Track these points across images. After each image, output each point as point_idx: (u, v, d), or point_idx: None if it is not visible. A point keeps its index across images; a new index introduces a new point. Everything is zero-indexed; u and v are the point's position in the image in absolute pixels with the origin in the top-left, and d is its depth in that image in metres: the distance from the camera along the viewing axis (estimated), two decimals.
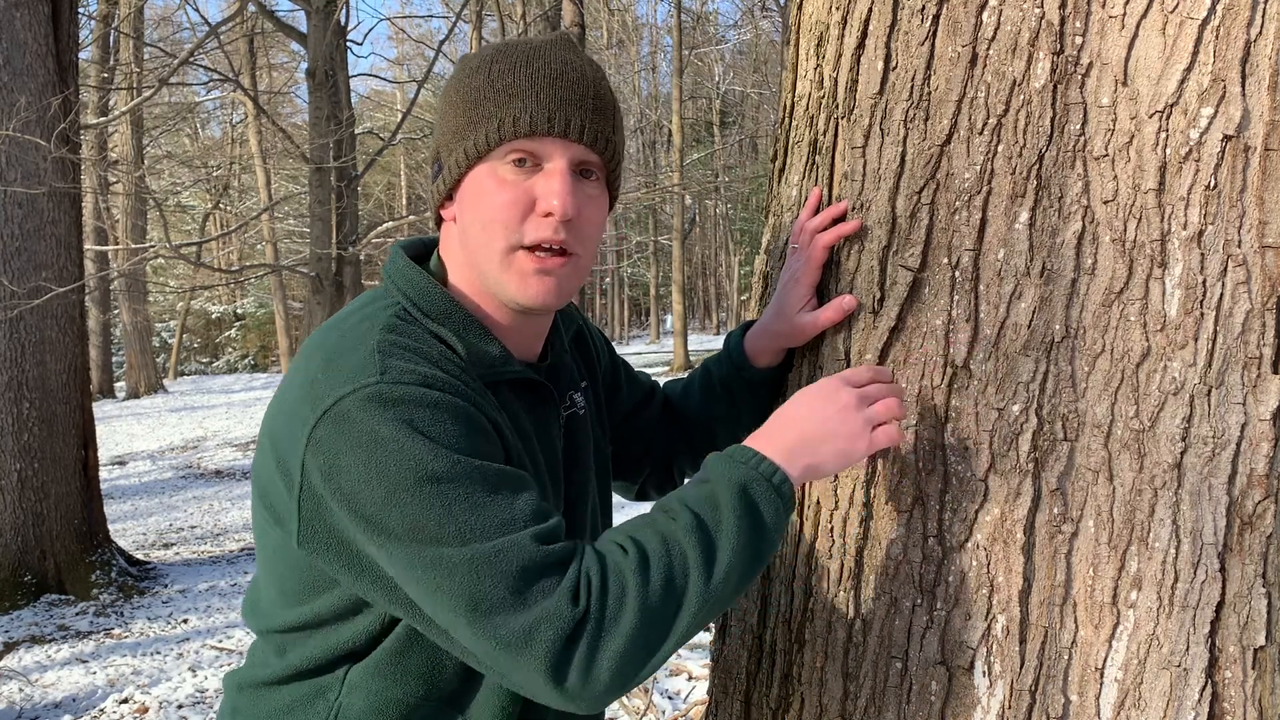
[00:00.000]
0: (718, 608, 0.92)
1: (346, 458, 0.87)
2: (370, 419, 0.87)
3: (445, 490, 0.86)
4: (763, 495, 0.94)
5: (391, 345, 0.93)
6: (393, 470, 0.86)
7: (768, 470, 0.95)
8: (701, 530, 0.91)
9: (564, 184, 0.98)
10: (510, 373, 1.03)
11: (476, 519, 0.86)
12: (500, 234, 0.98)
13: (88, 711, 4.10)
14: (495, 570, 0.85)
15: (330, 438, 0.88)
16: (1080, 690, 1.01)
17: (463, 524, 0.86)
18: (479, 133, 0.99)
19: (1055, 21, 1.02)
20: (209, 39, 8.46)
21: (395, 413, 0.87)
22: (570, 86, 0.99)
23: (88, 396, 6.00)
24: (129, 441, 13.06)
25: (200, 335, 31.02)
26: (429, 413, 0.89)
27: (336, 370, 0.91)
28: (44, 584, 5.58)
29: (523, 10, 14.44)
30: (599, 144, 1.01)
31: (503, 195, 0.98)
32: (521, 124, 0.97)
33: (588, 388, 1.24)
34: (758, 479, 0.94)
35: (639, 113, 33.17)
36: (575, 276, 1.03)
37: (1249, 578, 0.98)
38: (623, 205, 25.95)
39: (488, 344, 1.02)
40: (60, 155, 5.58)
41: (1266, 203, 0.96)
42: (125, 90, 14.55)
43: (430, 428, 0.88)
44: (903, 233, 1.10)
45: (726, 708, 1.31)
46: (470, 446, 0.89)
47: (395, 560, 0.87)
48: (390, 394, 0.88)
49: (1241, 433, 0.98)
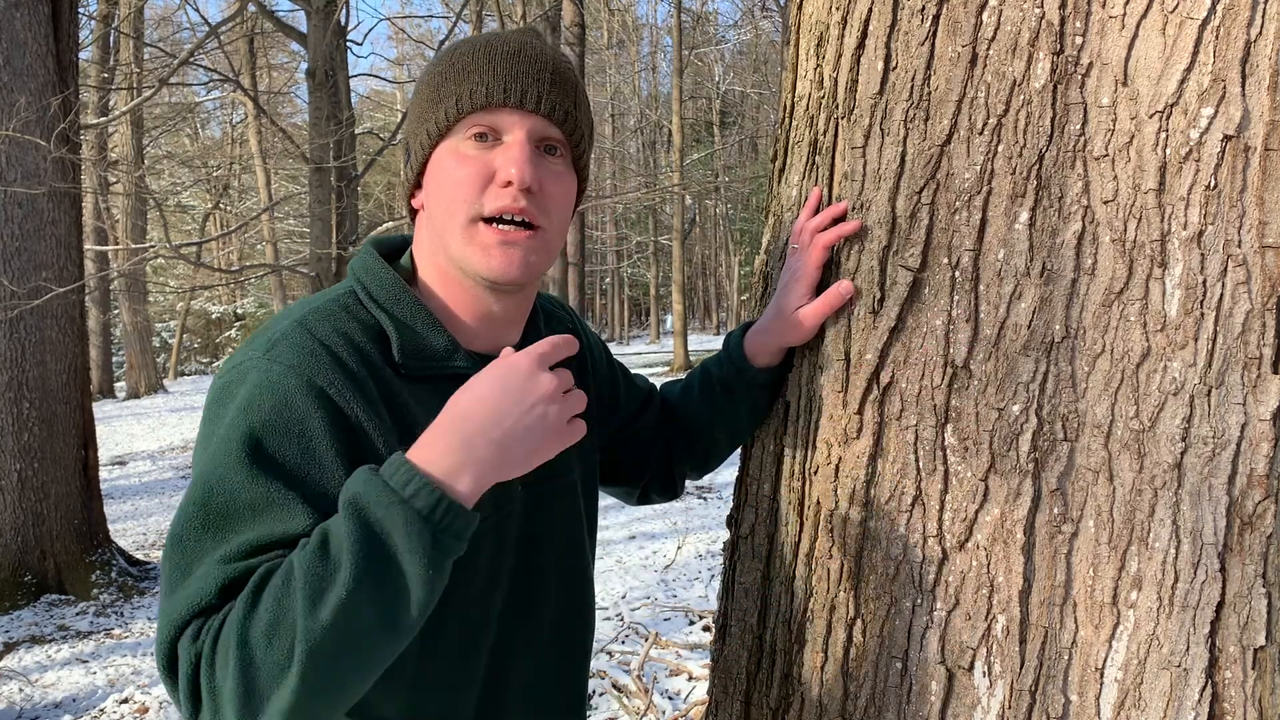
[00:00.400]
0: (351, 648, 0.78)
1: (207, 414, 0.93)
2: (235, 389, 0.91)
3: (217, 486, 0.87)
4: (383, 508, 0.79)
5: (300, 327, 0.95)
6: (213, 443, 0.89)
7: (401, 479, 0.80)
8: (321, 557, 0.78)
9: (522, 153, 0.98)
10: (452, 368, 1.02)
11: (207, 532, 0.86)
12: (461, 207, 0.99)
13: (88, 711, 4.10)
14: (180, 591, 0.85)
15: (210, 397, 0.93)
16: (1080, 690, 1.01)
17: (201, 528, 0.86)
18: (439, 110, 1.01)
19: (1055, 21, 1.02)
20: (209, 39, 8.46)
21: (253, 394, 0.89)
22: (527, 61, 1.00)
23: (88, 396, 6.00)
24: (129, 441, 13.06)
25: (200, 335, 31.03)
26: (270, 399, 0.89)
27: (249, 344, 0.96)
28: (44, 584, 5.58)
29: (523, 10, 14.43)
30: (556, 115, 1.01)
31: (463, 170, 0.99)
32: (478, 96, 0.98)
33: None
34: (382, 491, 0.79)
35: (639, 113, 33.17)
36: (542, 251, 1.01)
37: (1249, 578, 0.98)
38: (623, 205, 25.96)
39: (434, 335, 1.02)
40: (60, 155, 5.58)
41: (1266, 203, 0.96)
42: (125, 90, 14.55)
43: (263, 415, 0.88)
44: (903, 233, 1.10)
45: (726, 708, 1.31)
46: (285, 453, 0.88)
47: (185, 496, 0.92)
48: (260, 373, 0.91)
49: (1241, 433, 0.98)
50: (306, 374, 0.91)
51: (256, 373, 0.91)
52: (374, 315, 1.01)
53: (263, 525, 0.85)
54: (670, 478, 1.39)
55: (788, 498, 1.23)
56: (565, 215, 1.05)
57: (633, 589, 5.48)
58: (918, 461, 1.09)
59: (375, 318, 1.01)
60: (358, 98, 24.27)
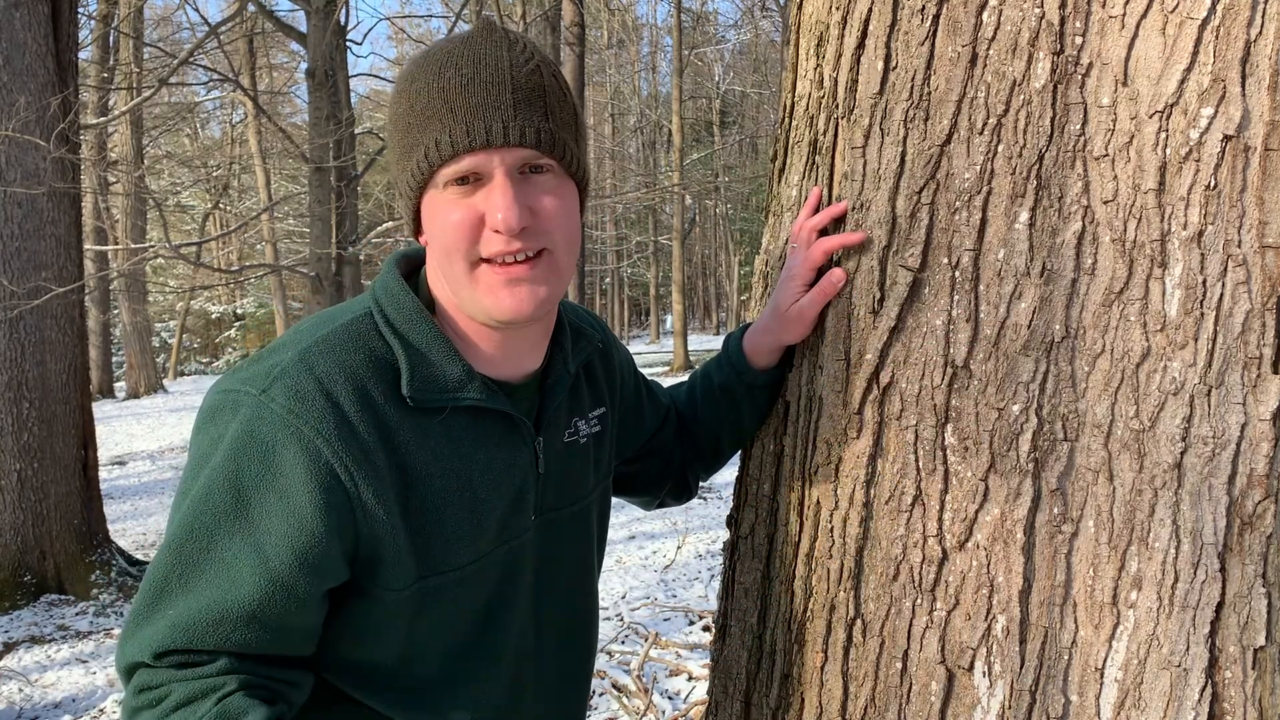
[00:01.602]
0: None
1: (197, 438, 0.94)
2: (226, 419, 0.91)
3: (193, 534, 0.90)
4: None
5: (302, 363, 0.93)
6: (200, 481, 0.91)
7: None
8: None
9: (505, 195, 0.93)
10: (465, 399, 0.99)
11: (176, 580, 0.91)
12: (458, 254, 0.96)
13: (87, 711, 4.10)
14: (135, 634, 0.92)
15: (201, 415, 0.94)
16: (1080, 690, 1.01)
17: (168, 570, 0.91)
18: (411, 163, 0.96)
19: (1055, 21, 1.02)
20: (209, 39, 8.46)
21: (241, 439, 0.90)
22: (484, 89, 0.93)
23: (87, 396, 6.00)
24: (129, 441, 13.06)
25: (200, 335, 31.02)
26: (256, 452, 0.89)
27: (251, 365, 0.95)
28: (44, 584, 5.58)
29: (523, 10, 14.42)
30: (528, 139, 0.93)
31: (453, 216, 0.95)
32: (444, 145, 0.93)
33: (605, 414, 1.20)
34: None
35: (639, 113, 33.16)
36: (553, 276, 0.98)
37: (1249, 578, 0.98)
38: (623, 205, 25.96)
39: (449, 364, 0.99)
40: (60, 155, 5.58)
41: (1266, 203, 0.96)
42: (125, 90, 14.54)
43: (248, 467, 0.89)
44: (903, 233, 1.10)
45: (726, 708, 1.31)
46: (266, 511, 0.90)
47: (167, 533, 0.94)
48: (253, 414, 0.90)
49: (1241, 433, 0.98)
50: (296, 425, 0.89)
51: (249, 411, 0.90)
52: (388, 342, 0.98)
53: (223, 588, 0.90)
54: (685, 482, 1.39)
55: (788, 498, 1.23)
56: (570, 227, 1.00)
57: (633, 589, 5.48)
58: (918, 461, 1.08)
59: (389, 345, 0.97)
60: (358, 98, 24.24)
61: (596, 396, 1.20)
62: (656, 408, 1.35)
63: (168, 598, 0.90)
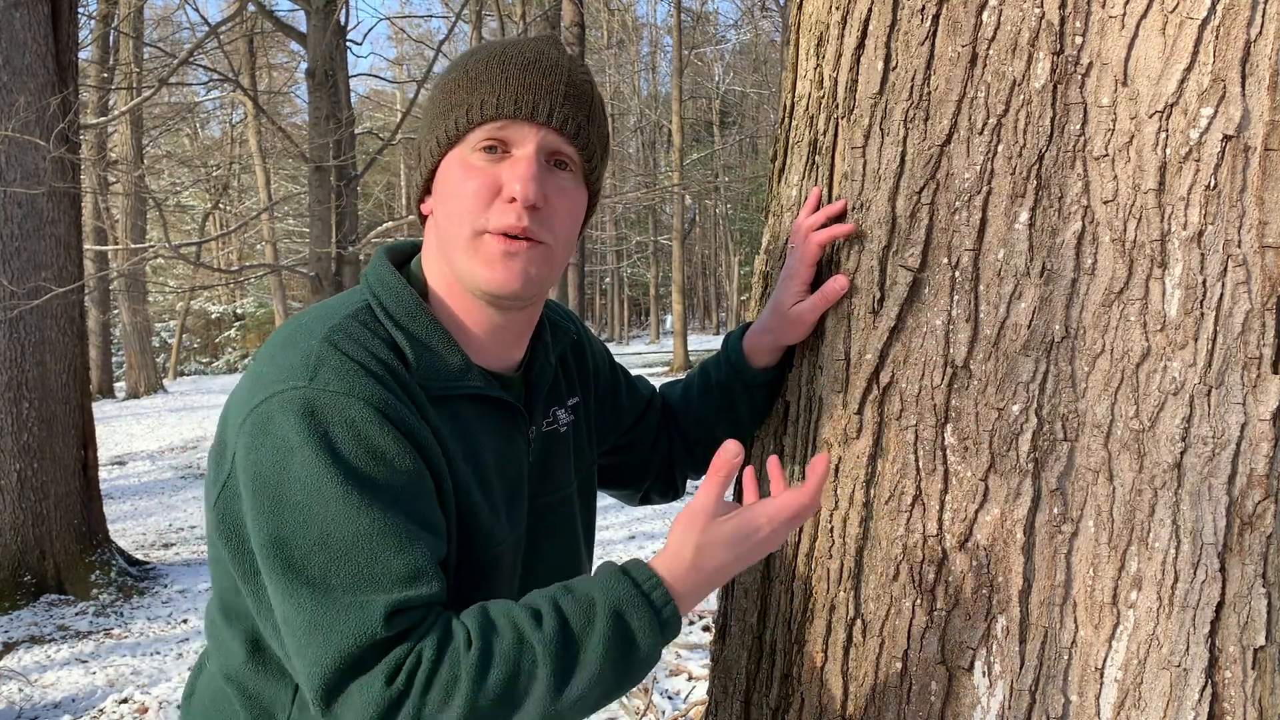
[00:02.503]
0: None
1: (259, 454, 0.88)
2: (286, 424, 0.88)
3: (328, 522, 0.86)
4: (642, 626, 0.90)
5: (332, 349, 0.92)
6: (291, 482, 0.87)
7: (660, 600, 0.91)
8: (564, 645, 0.87)
9: (529, 169, 0.96)
10: (468, 387, 1.01)
11: (344, 566, 0.86)
12: (466, 220, 0.97)
13: (87, 711, 4.10)
14: (336, 626, 0.85)
15: (253, 431, 0.89)
16: (1080, 690, 1.01)
17: (328, 564, 0.86)
18: (449, 119, 0.99)
19: (1055, 21, 1.02)
20: (209, 39, 8.46)
21: (310, 423, 0.87)
22: (542, 73, 0.98)
23: (87, 396, 6.00)
24: (129, 441, 13.06)
25: (200, 335, 31.03)
26: (343, 430, 0.88)
27: (276, 365, 0.92)
28: (44, 584, 5.58)
29: (523, 10, 14.43)
30: (569, 129, 0.98)
31: (471, 182, 0.97)
32: (489, 107, 0.96)
33: (579, 404, 1.22)
34: (642, 608, 0.90)
35: (639, 113, 33.17)
36: (546, 265, 1.00)
37: (1249, 578, 0.98)
38: (622, 205, 25.99)
39: (449, 354, 1.00)
40: (60, 155, 5.58)
41: (1266, 203, 0.96)
42: (125, 90, 14.54)
43: (339, 442, 0.88)
44: (903, 233, 1.10)
45: (726, 708, 1.31)
46: (374, 475, 0.88)
47: (267, 566, 0.88)
48: (311, 401, 0.88)
49: (1241, 433, 0.98)
50: (363, 397, 0.89)
51: (308, 403, 0.88)
52: (390, 334, 0.98)
53: (392, 555, 0.86)
54: (671, 479, 1.39)
55: None
56: (572, 231, 1.03)
57: None
58: (917, 461, 1.09)
59: (392, 336, 0.98)
60: (357, 98, 24.25)
61: (570, 386, 1.22)
62: (636, 398, 1.35)
63: (345, 590, 0.86)
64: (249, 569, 0.93)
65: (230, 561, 0.94)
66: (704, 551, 0.92)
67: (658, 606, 0.90)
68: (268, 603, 0.92)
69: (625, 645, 0.89)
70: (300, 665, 0.86)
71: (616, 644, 0.88)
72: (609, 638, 0.88)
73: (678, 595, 0.92)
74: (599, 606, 0.89)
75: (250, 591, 0.94)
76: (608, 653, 0.88)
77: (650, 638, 0.90)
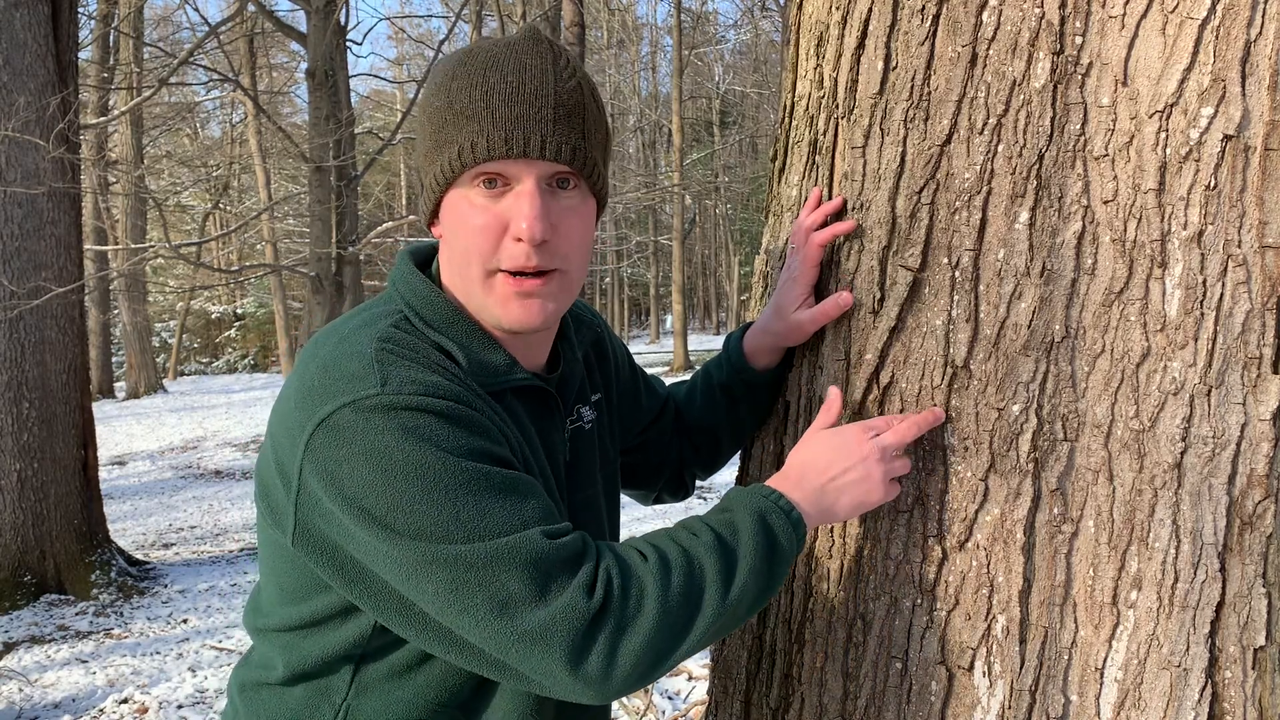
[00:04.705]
0: (730, 624, 0.95)
1: (349, 465, 0.87)
2: (373, 429, 0.87)
3: (453, 494, 0.86)
4: (780, 526, 0.98)
5: (390, 355, 0.92)
6: (399, 476, 0.86)
7: (786, 505, 0.99)
8: (722, 549, 0.94)
9: (533, 207, 0.94)
10: (516, 380, 1.02)
11: (485, 520, 0.87)
12: (476, 260, 0.97)
13: (87, 711, 4.10)
14: (511, 564, 0.86)
15: (329, 446, 0.88)
16: (1080, 690, 1.01)
17: (472, 525, 0.86)
18: (443, 158, 0.96)
19: (1055, 21, 1.02)
20: (209, 39, 8.46)
21: (398, 421, 0.87)
22: (528, 101, 0.94)
23: (87, 396, 6.00)
24: (129, 441, 13.06)
25: (200, 335, 31.02)
26: (432, 420, 0.88)
27: (334, 379, 0.90)
28: (44, 584, 5.58)
29: (523, 10, 14.42)
30: (564, 155, 0.95)
31: (475, 220, 0.96)
32: (480, 149, 0.94)
33: (600, 400, 1.22)
34: (776, 510, 0.99)
35: (639, 112, 33.16)
36: (564, 292, 1.00)
37: (1249, 578, 0.98)
38: (622, 205, 25.99)
39: (492, 353, 1.01)
40: (59, 155, 5.58)
41: (1266, 203, 0.96)
42: (125, 90, 14.54)
43: (434, 433, 0.88)
44: (903, 233, 1.10)
45: (726, 708, 1.31)
46: (474, 452, 0.89)
47: (403, 564, 0.86)
48: (393, 403, 0.88)
49: (1241, 433, 0.98)
50: (441, 394, 0.90)
51: (389, 409, 0.87)
52: (435, 339, 0.99)
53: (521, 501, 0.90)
54: (681, 479, 1.40)
55: None
56: (585, 248, 1.02)
57: None
58: (918, 461, 1.09)
59: (437, 341, 0.99)
60: (358, 98, 24.27)
61: (593, 383, 1.22)
62: (653, 398, 1.36)
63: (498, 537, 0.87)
64: (353, 574, 0.92)
65: (328, 572, 0.93)
66: (805, 461, 1.04)
67: (786, 509, 0.99)
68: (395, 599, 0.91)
69: (770, 543, 0.96)
70: (485, 626, 0.86)
71: (764, 542, 0.96)
72: (757, 537, 0.96)
73: (796, 501, 1.01)
74: (740, 516, 0.98)
75: (361, 594, 0.92)
76: (758, 549, 0.95)
77: (788, 534, 0.98)
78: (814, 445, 1.05)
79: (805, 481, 1.02)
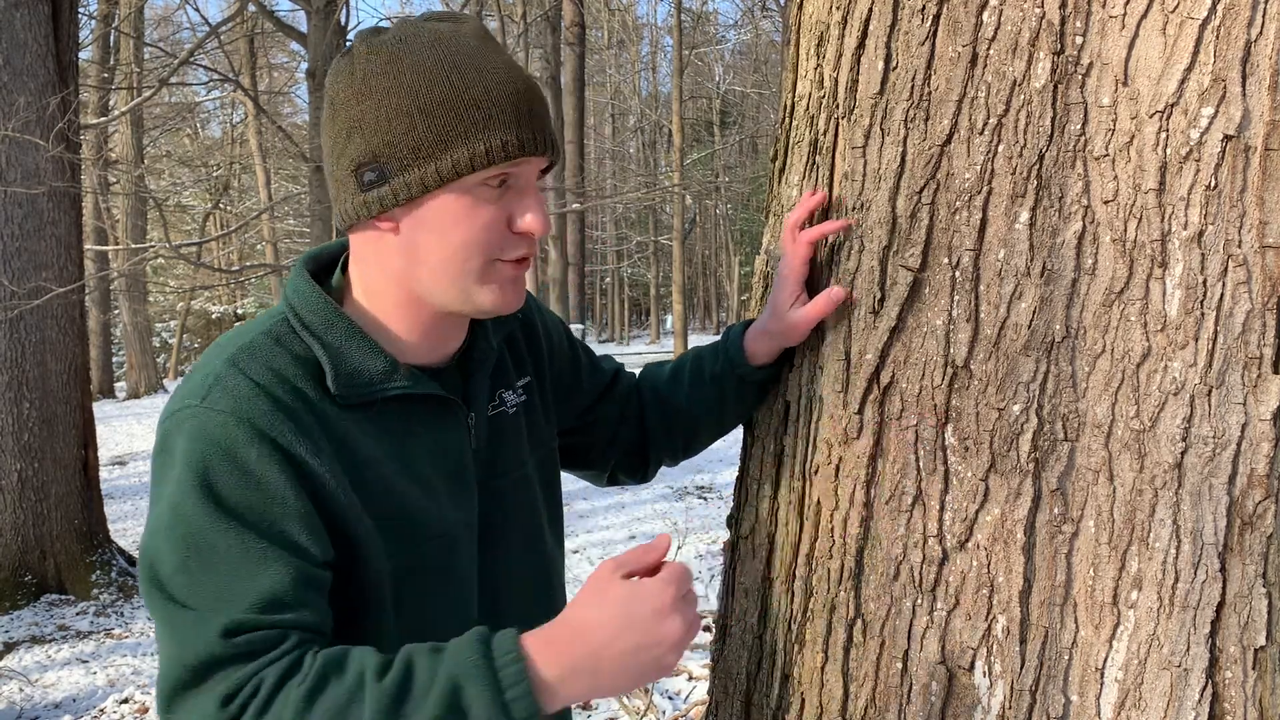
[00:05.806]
0: None
1: (157, 472, 0.95)
2: (176, 444, 0.93)
3: (187, 546, 0.90)
4: (482, 700, 0.82)
5: (233, 367, 0.95)
6: (166, 503, 0.92)
7: (510, 678, 0.83)
8: (396, 703, 0.82)
9: (539, 203, 1.00)
10: (394, 388, 1.01)
11: (193, 589, 0.89)
12: (479, 252, 0.98)
13: (88, 711, 4.10)
14: (182, 640, 0.88)
15: (156, 449, 0.96)
16: (1080, 690, 1.01)
17: (185, 585, 0.89)
18: (455, 155, 0.93)
19: (1055, 21, 1.02)
20: (209, 39, 8.46)
21: (192, 444, 0.91)
22: (532, 99, 0.98)
23: (88, 396, 6.00)
24: (129, 441, 13.06)
25: (200, 335, 31.02)
26: (216, 452, 0.91)
27: (185, 384, 0.97)
28: (44, 584, 5.58)
29: (523, 10, 14.42)
30: (556, 149, 1.02)
31: (483, 217, 0.97)
32: (511, 148, 0.95)
33: (531, 383, 1.22)
34: (484, 682, 0.82)
35: (639, 113, 33.17)
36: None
37: (1249, 578, 0.98)
38: (623, 205, 25.98)
39: (370, 359, 1.00)
40: (60, 155, 5.58)
41: (1267, 203, 0.96)
42: (125, 90, 14.55)
43: (212, 467, 0.90)
44: (903, 233, 1.10)
45: (727, 708, 1.31)
46: (239, 506, 0.90)
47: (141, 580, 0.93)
48: (199, 423, 0.92)
49: (1242, 433, 0.98)
50: (247, 418, 0.91)
51: (195, 422, 0.92)
52: (306, 343, 0.99)
53: (243, 578, 0.89)
54: (643, 461, 1.37)
55: (788, 498, 1.23)
56: None
57: None
58: (918, 461, 1.09)
59: (308, 345, 0.99)
60: None
61: (520, 367, 1.21)
62: (598, 374, 1.34)
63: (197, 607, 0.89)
64: None
65: None
66: (574, 624, 0.86)
67: (503, 685, 0.82)
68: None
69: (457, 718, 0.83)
70: (162, 670, 0.90)
71: (447, 716, 0.82)
72: (441, 706, 0.82)
73: (544, 676, 0.84)
74: (441, 672, 0.84)
75: None
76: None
77: (486, 716, 0.82)
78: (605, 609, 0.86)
79: (581, 641, 0.85)
